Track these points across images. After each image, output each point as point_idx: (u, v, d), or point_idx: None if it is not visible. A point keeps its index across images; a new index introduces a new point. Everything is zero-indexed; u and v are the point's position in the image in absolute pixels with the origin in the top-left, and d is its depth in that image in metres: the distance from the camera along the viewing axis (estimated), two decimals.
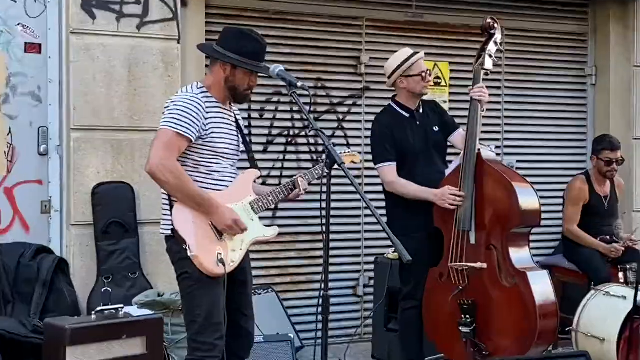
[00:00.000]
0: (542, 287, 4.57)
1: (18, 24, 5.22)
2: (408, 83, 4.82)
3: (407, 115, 4.88)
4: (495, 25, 4.88)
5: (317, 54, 6.15)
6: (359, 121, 6.30)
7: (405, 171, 4.80)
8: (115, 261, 5.22)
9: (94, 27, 5.22)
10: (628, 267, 5.49)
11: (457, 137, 4.95)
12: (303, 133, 6.12)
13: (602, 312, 5.17)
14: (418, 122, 4.87)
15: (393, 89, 4.97)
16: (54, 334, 4.12)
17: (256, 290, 5.50)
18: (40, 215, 5.27)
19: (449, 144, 5.02)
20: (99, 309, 4.31)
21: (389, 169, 4.78)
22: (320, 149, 6.08)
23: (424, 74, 4.81)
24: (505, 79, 6.80)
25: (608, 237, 6.05)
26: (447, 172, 4.84)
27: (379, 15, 6.34)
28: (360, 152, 6.21)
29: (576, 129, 7.06)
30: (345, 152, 4.25)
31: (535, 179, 6.05)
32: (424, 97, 4.96)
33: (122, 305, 4.39)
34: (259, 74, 3.87)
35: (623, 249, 5.94)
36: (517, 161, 6.79)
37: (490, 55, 4.82)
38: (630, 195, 6.78)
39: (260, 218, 3.93)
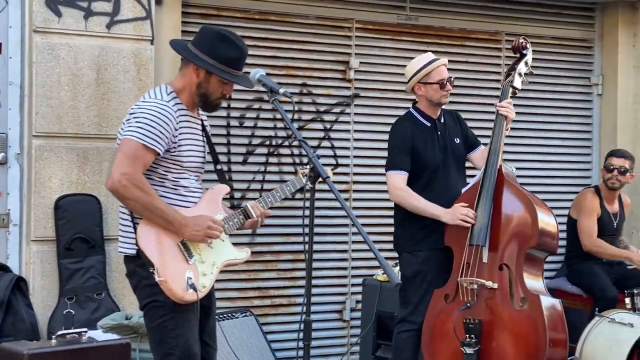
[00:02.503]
0: (554, 314, 4.60)
1: None
2: (426, 90, 4.90)
3: (429, 124, 4.94)
4: (528, 46, 5.09)
5: (302, 58, 6.12)
6: (348, 131, 6.27)
7: (420, 185, 4.85)
8: (79, 280, 5.15)
9: (60, 26, 5.16)
10: (635, 292, 5.47)
11: (478, 155, 5.07)
12: (286, 143, 6.08)
13: (607, 340, 5.15)
14: (439, 133, 4.94)
15: (385, 95, 4.97)
16: None
17: (233, 314, 5.45)
18: None
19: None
20: (60, 332, 4.26)
21: (400, 177, 4.83)
22: (305, 160, 6.04)
23: (443, 82, 4.86)
24: None
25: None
26: (464, 189, 4.90)
27: (370, 17, 6.32)
28: (348, 165, 6.26)
29: (581, 142, 7.07)
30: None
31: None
32: (444, 106, 5.03)
33: (85, 329, 4.34)
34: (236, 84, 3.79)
35: None
36: (517, 177, 6.78)
37: (520, 74, 5.02)
38: (638, 214, 6.77)
39: (238, 236, 3.87)
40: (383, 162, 5.02)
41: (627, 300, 5.56)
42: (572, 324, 4.83)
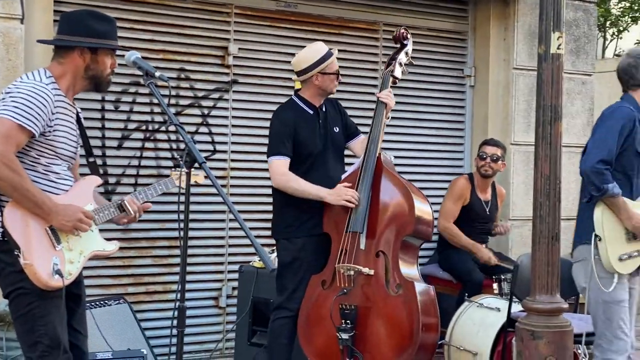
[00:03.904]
0: (427, 300, 4.70)
1: None
2: (323, 80, 4.94)
3: (312, 112, 4.98)
4: (408, 36, 5.19)
5: (180, 42, 6.04)
6: (226, 117, 6.24)
7: (300, 172, 4.87)
8: None
9: None
10: (502, 277, 5.68)
11: (357, 144, 5.15)
12: (163, 128, 6.00)
13: (475, 324, 5.33)
14: (321, 121, 4.99)
15: (264, 82, 4.97)
16: None
17: (106, 301, 5.35)
18: None
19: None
20: None
21: (282, 162, 4.84)
22: (182, 145, 5.97)
23: (338, 73, 4.99)
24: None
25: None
26: (344, 175, 4.95)
27: (249, 2, 6.29)
28: (226, 151, 6.23)
29: (454, 132, 7.25)
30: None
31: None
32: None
33: None
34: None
35: (497, 260, 6.16)
36: (394, 165, 6.90)
37: (400, 64, 5.11)
38: (508, 202, 7.01)
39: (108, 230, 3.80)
40: (261, 148, 5.02)
41: (495, 285, 5.77)
42: (443, 309, 4.97)
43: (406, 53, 5.17)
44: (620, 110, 4.52)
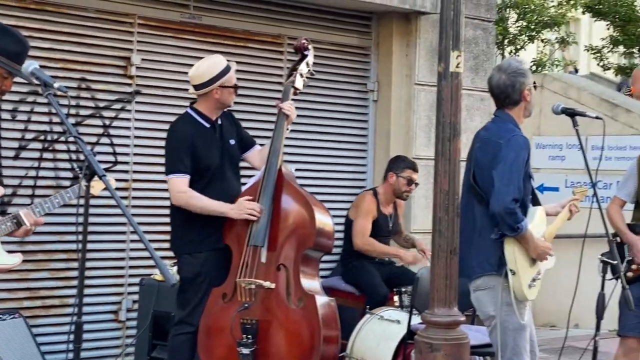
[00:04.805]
0: (328, 313, 4.73)
1: None
2: (223, 94, 4.91)
3: (208, 125, 4.94)
4: (309, 47, 5.21)
5: (81, 52, 5.93)
6: (128, 128, 6.14)
7: (199, 187, 4.83)
8: None
9: None
10: (403, 290, 5.76)
11: (254, 154, 5.12)
12: (63, 138, 5.87)
13: (377, 336, 5.39)
14: (217, 135, 4.95)
15: (168, 93, 4.93)
16: None
17: (1, 316, 5.19)
18: None
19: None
20: None
21: (182, 181, 4.79)
22: (82, 157, 5.85)
23: (237, 86, 4.99)
24: None
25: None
26: (244, 188, 4.94)
27: (153, 13, 6.23)
28: (128, 162, 6.13)
29: (357, 146, 7.32)
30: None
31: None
32: None
33: None
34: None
35: (424, 257, 6.23)
36: (296, 178, 6.93)
37: (301, 75, 5.12)
38: (409, 216, 7.11)
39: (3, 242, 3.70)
40: (163, 160, 4.95)
41: (396, 297, 5.85)
42: (345, 322, 5.01)
43: (307, 64, 5.19)
44: (516, 140, 4.38)
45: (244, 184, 5.10)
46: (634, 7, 15.72)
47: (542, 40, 16.59)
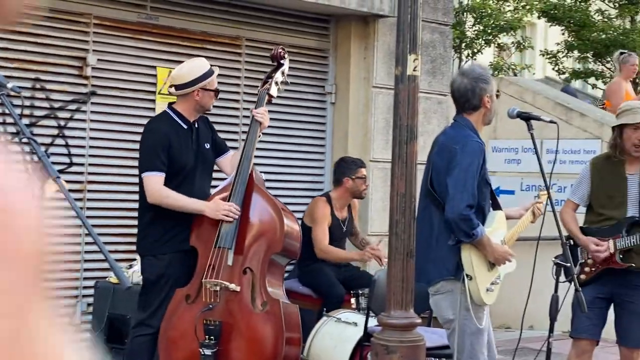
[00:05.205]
0: (292, 317, 4.75)
1: None
2: (203, 97, 4.90)
3: (186, 127, 4.92)
4: (285, 56, 5.22)
5: (36, 51, 5.85)
6: (84, 129, 6.08)
7: (171, 187, 4.80)
8: None
9: None
10: (360, 292, 5.77)
11: (226, 160, 5.11)
12: (16, 139, 5.77)
13: (333, 339, 5.39)
14: (194, 137, 4.94)
15: (124, 94, 4.89)
16: None
17: None
18: None
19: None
20: None
21: (158, 178, 4.76)
22: (36, 158, 5.76)
23: (218, 90, 5.01)
24: (244, 92, 6.88)
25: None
26: (215, 190, 4.93)
27: (109, 13, 6.17)
28: (83, 164, 6.06)
29: (315, 148, 7.32)
30: None
31: None
32: None
33: None
34: None
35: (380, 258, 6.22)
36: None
37: (276, 83, 5.15)
38: (366, 218, 7.14)
39: None
40: (120, 162, 4.92)
41: (353, 300, 5.86)
42: (302, 324, 5.01)
43: (282, 72, 5.20)
44: (471, 146, 4.36)
45: (215, 186, 5.08)
46: (588, 13, 15.97)
47: (498, 46, 16.78)
